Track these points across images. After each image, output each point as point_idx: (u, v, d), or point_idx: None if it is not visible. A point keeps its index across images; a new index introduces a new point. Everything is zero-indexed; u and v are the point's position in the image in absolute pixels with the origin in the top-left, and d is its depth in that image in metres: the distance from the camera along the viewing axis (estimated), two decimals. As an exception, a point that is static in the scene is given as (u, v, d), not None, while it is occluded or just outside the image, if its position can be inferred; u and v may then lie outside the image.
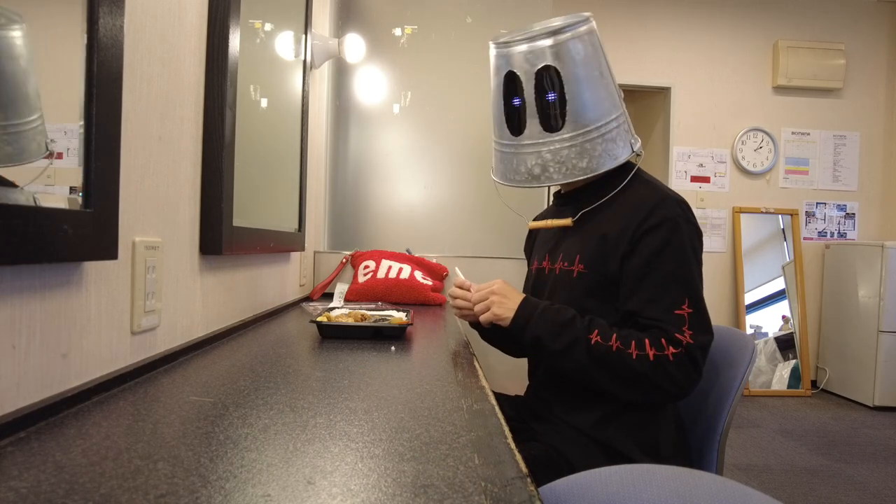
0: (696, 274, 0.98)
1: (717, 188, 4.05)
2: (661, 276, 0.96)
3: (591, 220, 1.09)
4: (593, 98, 1.05)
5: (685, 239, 0.98)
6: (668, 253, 0.96)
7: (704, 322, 0.95)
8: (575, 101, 1.04)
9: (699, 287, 0.98)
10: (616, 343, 0.93)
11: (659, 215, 0.98)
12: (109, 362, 0.70)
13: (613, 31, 3.96)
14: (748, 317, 3.94)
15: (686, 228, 0.98)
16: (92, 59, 0.62)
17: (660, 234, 0.97)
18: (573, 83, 1.03)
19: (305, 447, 0.52)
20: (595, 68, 1.05)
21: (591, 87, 1.04)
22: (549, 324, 0.98)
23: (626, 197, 1.05)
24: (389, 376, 0.82)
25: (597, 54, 1.06)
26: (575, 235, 1.11)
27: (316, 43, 1.78)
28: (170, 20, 0.84)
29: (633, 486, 0.54)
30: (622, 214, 1.02)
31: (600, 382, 0.96)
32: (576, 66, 1.03)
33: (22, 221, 0.51)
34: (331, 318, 1.16)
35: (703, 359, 0.93)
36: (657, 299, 0.95)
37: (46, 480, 0.43)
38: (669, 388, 0.91)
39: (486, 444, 0.55)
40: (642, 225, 0.98)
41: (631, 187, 1.07)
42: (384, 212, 2.13)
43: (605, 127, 1.05)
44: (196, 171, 0.96)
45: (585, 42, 1.04)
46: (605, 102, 1.05)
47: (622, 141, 1.07)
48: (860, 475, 2.49)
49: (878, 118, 4.13)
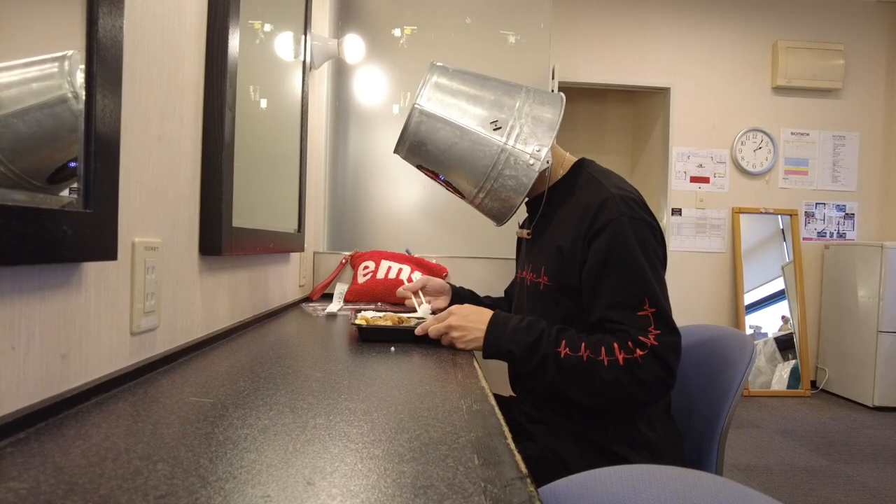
0: (651, 272, 0.94)
1: (716, 188, 4.05)
2: (614, 281, 0.94)
3: (546, 228, 1.09)
4: (462, 166, 1.09)
5: (631, 238, 0.94)
6: (617, 256, 0.94)
7: (669, 322, 0.92)
8: (452, 178, 1.12)
9: (656, 285, 0.93)
10: (586, 352, 0.92)
11: (602, 219, 0.96)
12: (109, 363, 0.70)
13: (613, 31, 3.97)
14: (748, 317, 3.94)
15: (632, 226, 0.95)
16: (91, 60, 0.62)
17: (605, 239, 0.95)
18: (439, 167, 1.12)
19: (305, 448, 0.52)
20: (447, 142, 1.08)
21: (455, 159, 1.08)
22: (519, 345, 0.97)
23: (576, 198, 1.04)
24: (389, 377, 0.82)
25: (442, 126, 1.07)
26: (538, 245, 1.11)
27: (315, 43, 1.78)
28: (170, 20, 0.84)
29: (633, 486, 0.54)
30: (571, 222, 1.01)
31: (572, 395, 0.94)
32: (430, 156, 1.10)
33: (21, 222, 0.51)
34: (369, 321, 1.13)
35: (675, 360, 0.91)
36: (617, 304, 0.93)
37: (46, 481, 0.43)
38: (638, 393, 0.90)
39: (485, 445, 0.55)
40: (588, 232, 0.97)
41: (578, 187, 1.06)
42: (384, 212, 2.13)
43: (493, 174, 1.06)
44: (196, 171, 0.96)
45: (424, 130, 1.08)
46: (477, 157, 1.07)
47: (519, 167, 1.05)
48: (860, 475, 2.49)
49: (878, 118, 4.14)
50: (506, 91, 1.09)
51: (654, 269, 0.95)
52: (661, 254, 0.99)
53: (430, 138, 1.08)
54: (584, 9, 3.96)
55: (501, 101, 1.07)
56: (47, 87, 0.58)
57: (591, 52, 3.97)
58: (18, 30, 0.54)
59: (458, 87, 1.09)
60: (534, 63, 2.22)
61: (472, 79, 1.11)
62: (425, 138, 1.08)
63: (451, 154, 1.07)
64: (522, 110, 1.06)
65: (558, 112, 1.08)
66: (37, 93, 0.57)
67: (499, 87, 1.10)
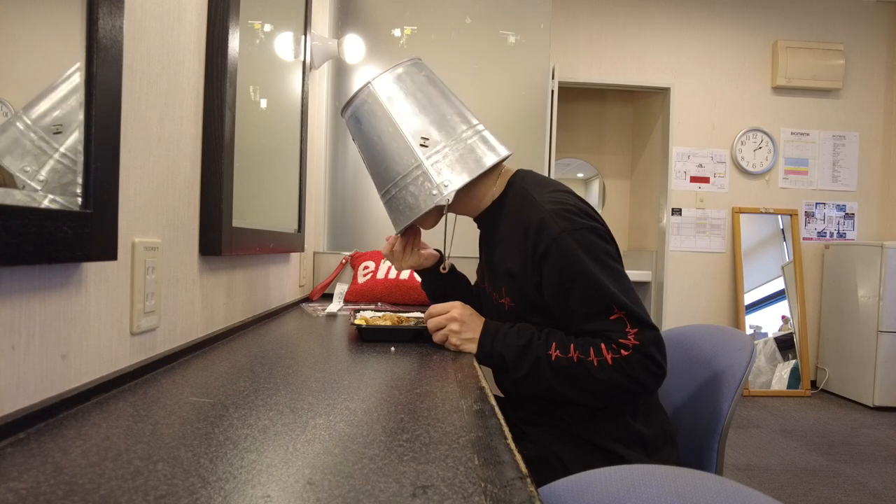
0: (607, 277, 0.93)
1: (716, 188, 4.05)
2: (577, 297, 0.93)
3: (495, 248, 1.08)
4: (379, 161, 1.09)
5: (576, 252, 0.93)
6: (570, 273, 0.93)
7: (643, 317, 0.92)
8: (369, 166, 1.13)
9: (615, 289, 0.92)
10: (576, 353, 0.92)
11: (544, 241, 0.95)
12: (109, 363, 0.70)
13: (613, 31, 3.97)
14: (748, 317, 3.94)
15: (574, 239, 0.94)
16: (91, 60, 0.62)
17: (554, 261, 0.94)
18: (362, 151, 1.13)
19: (305, 448, 0.52)
20: (376, 132, 1.07)
21: (377, 150, 1.08)
22: (511, 349, 0.97)
23: (513, 220, 1.03)
24: (389, 377, 0.82)
25: (381, 116, 1.07)
26: (492, 265, 1.10)
27: (315, 44, 1.78)
28: (170, 20, 0.84)
29: (633, 486, 0.54)
30: (514, 245, 1.01)
31: (569, 394, 0.95)
32: (359, 134, 1.12)
33: (21, 222, 0.51)
34: (368, 321, 1.13)
35: (660, 353, 0.91)
36: (587, 316, 0.93)
37: (46, 481, 0.43)
38: (633, 387, 0.91)
39: (485, 445, 0.55)
40: (534, 256, 0.96)
41: (513, 207, 1.05)
42: (383, 212, 2.13)
43: (400, 182, 1.06)
44: (195, 171, 0.96)
45: (366, 109, 1.08)
46: (394, 160, 1.06)
47: (422, 190, 1.03)
48: (860, 475, 2.49)
49: (878, 118, 4.14)
50: (459, 118, 1.08)
51: (610, 273, 0.94)
52: (613, 251, 0.98)
53: (366, 120, 1.09)
54: (584, 9, 3.96)
55: (446, 123, 1.06)
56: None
57: (591, 52, 3.97)
58: (18, 30, 0.54)
59: (415, 89, 1.08)
60: (534, 63, 2.22)
61: (434, 91, 1.10)
62: (362, 117, 1.09)
63: (376, 144, 1.08)
64: (460, 140, 1.04)
65: (491, 162, 1.04)
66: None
67: (453, 112, 1.08)
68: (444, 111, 1.08)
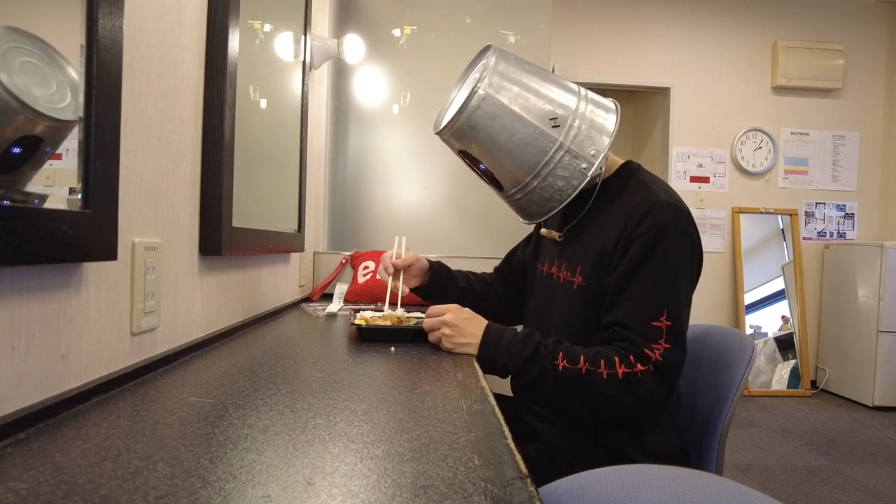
0: (681, 286, 0.92)
1: (716, 188, 4.05)
2: (641, 285, 0.92)
3: (587, 228, 1.05)
4: (512, 159, 1.02)
5: (671, 248, 0.92)
6: (652, 261, 0.92)
7: (680, 339, 0.90)
8: (496, 169, 1.06)
9: (681, 300, 0.92)
10: (585, 365, 0.90)
11: (648, 223, 0.94)
12: (109, 363, 0.70)
13: (613, 31, 3.97)
14: (748, 317, 3.94)
15: (675, 237, 0.93)
16: (91, 60, 0.62)
17: (645, 242, 0.93)
18: (485, 156, 1.05)
19: (305, 448, 0.52)
20: (502, 131, 1.01)
21: (506, 150, 1.02)
22: (515, 358, 0.95)
23: (622, 202, 1.01)
24: (389, 376, 0.82)
25: (501, 114, 1.01)
26: (576, 244, 1.07)
27: (315, 44, 1.78)
28: (169, 21, 0.84)
29: (633, 486, 0.54)
30: (617, 224, 0.98)
31: (568, 407, 0.93)
32: (480, 142, 1.03)
33: (21, 222, 0.51)
34: (368, 321, 1.12)
35: (676, 377, 0.90)
36: (635, 309, 0.91)
37: (46, 481, 0.43)
38: (634, 409, 0.89)
39: (485, 445, 0.55)
40: (632, 233, 0.95)
41: (627, 191, 1.03)
42: (384, 212, 2.13)
43: (543, 171, 1.01)
44: (195, 171, 0.96)
45: (480, 115, 1.01)
46: (530, 152, 1.01)
47: (572, 168, 1.00)
48: (860, 475, 2.49)
49: (878, 118, 4.14)
50: (564, 88, 1.05)
51: (684, 284, 0.93)
52: (695, 272, 0.98)
53: (484, 125, 1.01)
54: (584, 9, 3.96)
55: (560, 99, 1.03)
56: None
57: (591, 52, 3.97)
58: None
59: (519, 76, 1.03)
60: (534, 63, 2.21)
61: (533, 70, 1.06)
62: (479, 124, 1.02)
63: (503, 144, 1.02)
64: (579, 111, 1.02)
65: (614, 119, 1.04)
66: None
67: (556, 83, 1.05)
68: (551, 86, 1.04)
